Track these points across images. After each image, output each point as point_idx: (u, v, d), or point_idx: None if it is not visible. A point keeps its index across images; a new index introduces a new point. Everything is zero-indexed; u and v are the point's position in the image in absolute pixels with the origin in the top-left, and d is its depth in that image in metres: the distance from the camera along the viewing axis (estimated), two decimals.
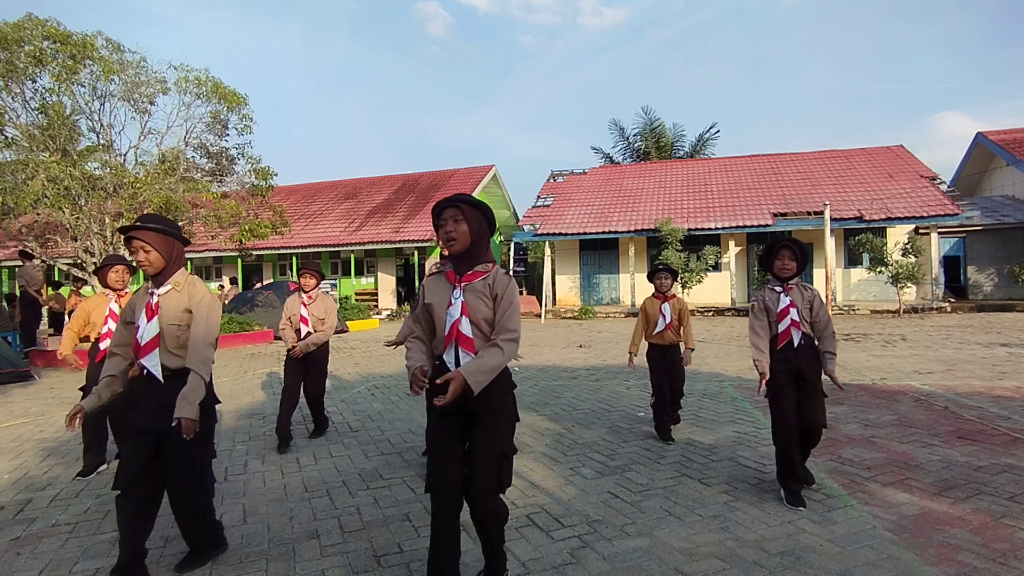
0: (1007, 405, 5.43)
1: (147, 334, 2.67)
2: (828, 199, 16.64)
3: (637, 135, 30.19)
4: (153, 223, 2.70)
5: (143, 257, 2.66)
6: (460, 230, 2.34)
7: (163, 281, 2.73)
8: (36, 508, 3.64)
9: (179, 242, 2.80)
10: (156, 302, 2.70)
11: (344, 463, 4.36)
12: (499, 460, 2.35)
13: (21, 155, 10.18)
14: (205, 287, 2.82)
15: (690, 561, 2.70)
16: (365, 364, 9.49)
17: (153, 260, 2.68)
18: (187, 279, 2.78)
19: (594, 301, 20.57)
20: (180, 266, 2.80)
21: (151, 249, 2.66)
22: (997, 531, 2.91)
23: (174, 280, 2.74)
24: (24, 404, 6.93)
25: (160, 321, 2.68)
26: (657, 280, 4.89)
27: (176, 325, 2.70)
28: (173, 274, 2.75)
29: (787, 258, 3.51)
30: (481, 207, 2.41)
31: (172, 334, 2.70)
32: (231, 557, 2.88)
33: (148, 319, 2.68)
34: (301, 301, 5.10)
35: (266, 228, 12.41)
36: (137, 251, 2.65)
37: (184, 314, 2.72)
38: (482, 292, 2.35)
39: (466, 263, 2.40)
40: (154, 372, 2.68)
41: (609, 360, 9.14)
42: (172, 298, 2.72)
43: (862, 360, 8.30)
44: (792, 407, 3.43)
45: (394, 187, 25.80)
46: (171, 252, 2.74)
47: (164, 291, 2.72)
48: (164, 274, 2.74)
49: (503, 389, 2.41)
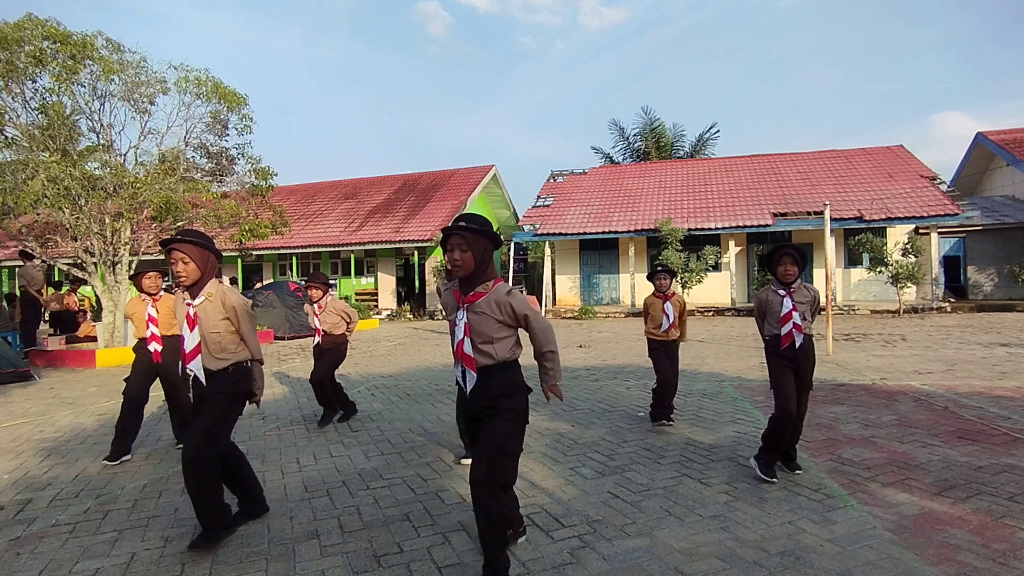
0: (1007, 405, 5.43)
1: (190, 343, 2.96)
2: (828, 199, 16.55)
3: (637, 135, 30.24)
4: (191, 237, 2.94)
5: (181, 268, 2.89)
6: (465, 258, 2.48)
7: (197, 292, 2.97)
8: (36, 508, 3.63)
9: (213, 255, 3.04)
10: (194, 313, 2.96)
11: (344, 463, 4.36)
12: (493, 453, 2.44)
13: (21, 155, 10.17)
14: (236, 293, 3.07)
15: (690, 561, 2.70)
16: (365, 364, 9.50)
17: (190, 271, 2.92)
18: (219, 289, 3.02)
19: (594, 301, 20.57)
20: (212, 277, 3.04)
21: (189, 261, 2.90)
22: (997, 531, 2.91)
23: (207, 291, 2.98)
24: (24, 404, 6.93)
25: (200, 330, 2.96)
26: (657, 280, 5.09)
27: (216, 333, 2.98)
28: (206, 285, 2.99)
29: (788, 264, 3.76)
30: (486, 232, 2.52)
31: (214, 341, 2.98)
32: (231, 557, 2.89)
33: (190, 329, 2.95)
34: (313, 312, 5.48)
35: (266, 228, 12.41)
36: (176, 262, 2.88)
37: (222, 322, 2.98)
38: (485, 311, 2.48)
39: (470, 284, 2.54)
40: (199, 375, 2.99)
41: (609, 360, 9.14)
42: (208, 309, 2.97)
43: (862, 360, 8.30)
44: (793, 395, 3.68)
45: (394, 187, 25.79)
46: (206, 264, 2.98)
47: (199, 302, 2.96)
48: (199, 285, 2.97)
49: (506, 393, 2.52)
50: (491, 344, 2.51)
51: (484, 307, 2.49)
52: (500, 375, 2.54)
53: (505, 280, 2.79)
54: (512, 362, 2.58)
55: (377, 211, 23.54)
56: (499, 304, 2.49)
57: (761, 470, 3.66)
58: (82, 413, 6.29)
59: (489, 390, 2.52)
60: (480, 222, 2.55)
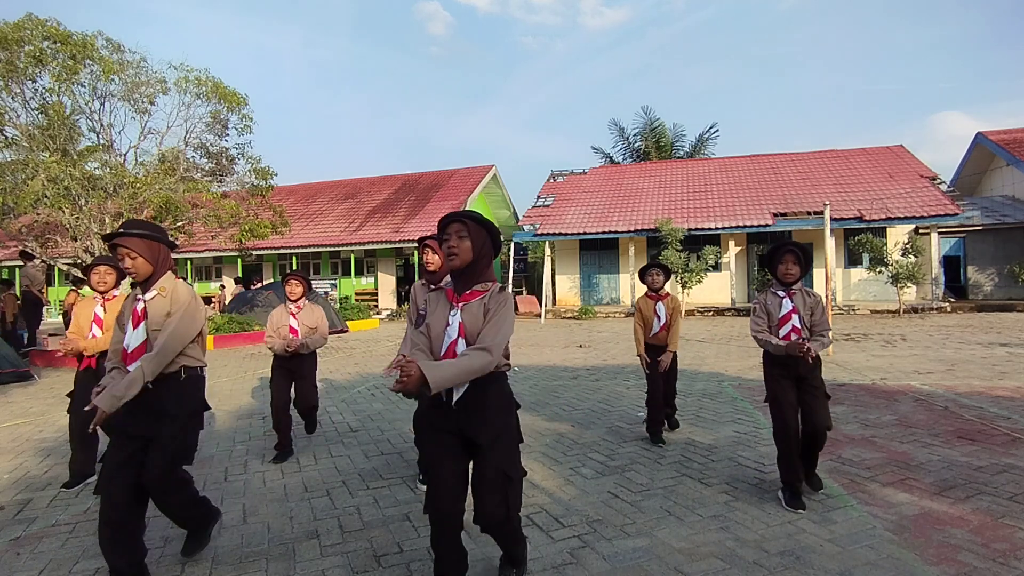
0: (1007, 405, 5.43)
1: (134, 340, 2.63)
2: (828, 199, 16.54)
3: (637, 135, 30.23)
4: (136, 228, 2.65)
5: (129, 264, 2.62)
6: (463, 246, 2.27)
7: (150, 287, 2.68)
8: (36, 508, 3.64)
9: (164, 246, 2.74)
10: (143, 308, 2.65)
11: (344, 463, 4.36)
12: (503, 484, 2.26)
13: (21, 155, 10.18)
14: (190, 291, 2.75)
15: (690, 561, 2.70)
16: (365, 364, 9.49)
17: (139, 266, 2.64)
18: (173, 284, 2.72)
19: (594, 301, 20.57)
20: (167, 270, 2.74)
21: (136, 255, 2.62)
22: (997, 531, 2.91)
23: (160, 285, 2.68)
24: (24, 404, 6.93)
25: (146, 327, 2.64)
26: (649, 277, 4.71)
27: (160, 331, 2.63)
28: (160, 278, 2.70)
29: (790, 263, 3.46)
30: (487, 226, 2.34)
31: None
32: (231, 557, 2.88)
33: (135, 325, 2.64)
34: (289, 311, 4.75)
35: (266, 228, 12.42)
36: (123, 258, 2.62)
37: (167, 318, 2.65)
38: (479, 313, 2.27)
39: (465, 281, 2.32)
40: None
41: (609, 360, 9.14)
42: (157, 303, 2.66)
43: (862, 360, 8.30)
44: (793, 410, 3.39)
45: (394, 187, 25.80)
46: (156, 257, 2.69)
47: (150, 296, 2.67)
48: (152, 279, 2.69)
49: (502, 410, 2.33)
50: None
51: (477, 309, 2.28)
52: (494, 385, 2.31)
53: (505, 280, 2.75)
54: (502, 374, 2.37)
55: (377, 211, 23.54)
56: (494, 299, 2.30)
57: (787, 501, 3.29)
58: None
59: (484, 403, 2.27)
60: (480, 215, 2.39)
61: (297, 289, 4.75)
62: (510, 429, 2.35)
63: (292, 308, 4.77)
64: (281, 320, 4.75)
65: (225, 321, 12.84)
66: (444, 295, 2.37)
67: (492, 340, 2.18)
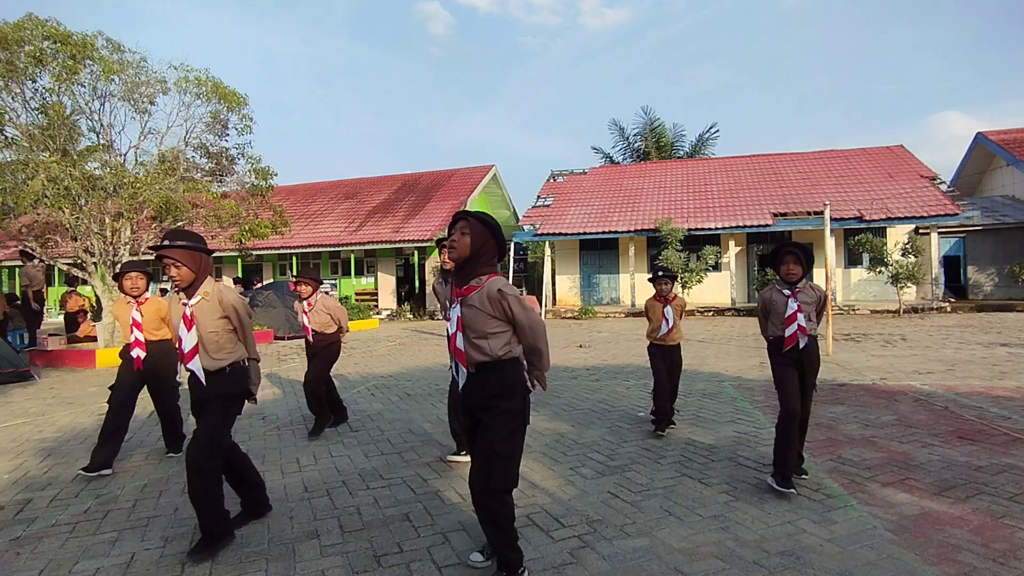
0: (1007, 405, 5.43)
1: (188, 343, 2.93)
2: (828, 199, 16.55)
3: (637, 135, 30.25)
4: (181, 239, 2.91)
5: (175, 273, 2.87)
6: (463, 241, 2.45)
7: (193, 292, 2.95)
8: (36, 508, 3.63)
9: (205, 254, 3.00)
10: (191, 313, 2.93)
11: (344, 463, 4.36)
12: (490, 457, 2.42)
13: (21, 155, 10.17)
14: (233, 292, 3.05)
15: (690, 561, 2.70)
16: (365, 364, 9.49)
17: (184, 275, 2.90)
18: (215, 288, 2.98)
19: (594, 301, 20.57)
20: (207, 276, 3.01)
21: (181, 265, 2.87)
22: (997, 531, 2.91)
23: (203, 290, 2.95)
24: (24, 404, 6.93)
25: (198, 330, 2.94)
26: (659, 285, 4.97)
27: (214, 332, 2.96)
28: (201, 284, 2.97)
29: (791, 263, 3.65)
30: (491, 226, 2.50)
31: (211, 340, 2.96)
32: (231, 557, 2.88)
33: (187, 329, 2.93)
34: (302, 309, 5.19)
35: (266, 228, 12.41)
36: (168, 267, 2.87)
37: (219, 320, 2.96)
38: (477, 306, 2.43)
39: (464, 276, 2.50)
40: (198, 375, 2.97)
41: (609, 360, 9.14)
42: (204, 308, 2.94)
43: (862, 360, 8.30)
44: (796, 394, 3.60)
45: (394, 187, 25.79)
46: (198, 265, 2.95)
47: (195, 302, 2.94)
48: (194, 286, 2.95)
49: (502, 394, 2.46)
50: (485, 339, 2.44)
51: (476, 301, 2.43)
52: (496, 373, 2.47)
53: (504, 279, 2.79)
54: (509, 361, 2.49)
55: (377, 211, 23.54)
56: (491, 299, 2.42)
57: (778, 483, 3.44)
58: (82, 413, 6.29)
59: (484, 388, 2.48)
60: (489, 217, 2.55)
61: (306, 289, 5.17)
62: (509, 410, 2.46)
63: (304, 306, 5.19)
64: (299, 318, 5.31)
65: None
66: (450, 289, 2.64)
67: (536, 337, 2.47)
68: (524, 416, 2.53)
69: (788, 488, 3.40)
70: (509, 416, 2.45)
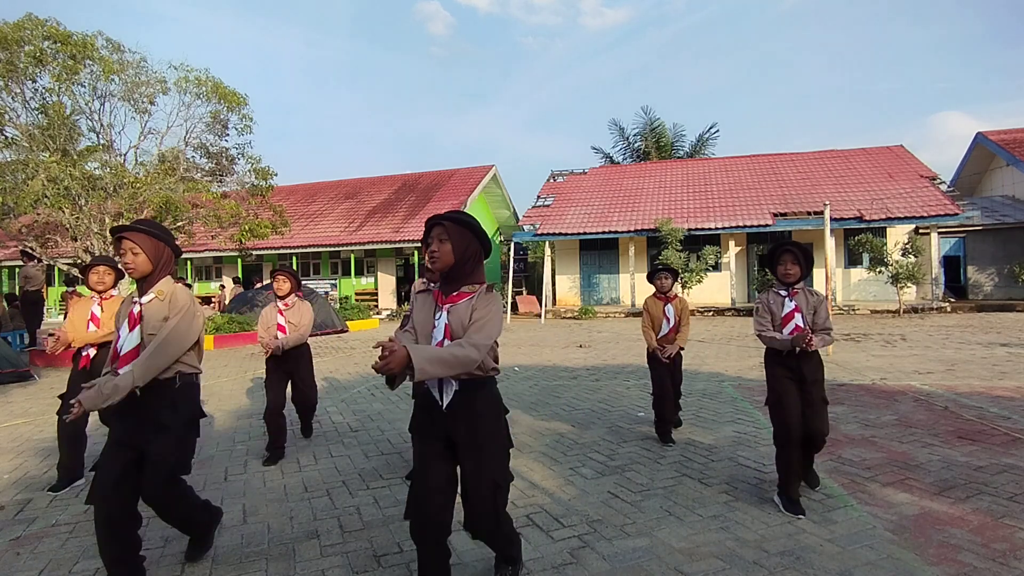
0: (1007, 405, 5.43)
1: (128, 344, 2.58)
2: (828, 199, 16.58)
3: (637, 135, 30.22)
4: (146, 226, 2.65)
5: (130, 259, 2.60)
6: (443, 249, 2.22)
7: (147, 289, 2.64)
8: (36, 508, 3.63)
9: (168, 248, 2.71)
10: (139, 311, 2.61)
11: (344, 463, 4.36)
12: (493, 492, 2.26)
13: (21, 155, 10.18)
14: (189, 295, 2.70)
15: (690, 561, 2.70)
16: (365, 364, 9.49)
17: (140, 263, 2.60)
18: (171, 288, 2.67)
19: (594, 301, 20.57)
20: (167, 274, 2.71)
21: (139, 251, 2.60)
22: (997, 531, 2.91)
23: (158, 288, 2.64)
24: (24, 404, 6.93)
25: (142, 331, 2.59)
26: (657, 280, 4.76)
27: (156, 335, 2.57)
28: (159, 281, 2.66)
29: (789, 263, 3.43)
30: (471, 226, 2.27)
31: None
32: (231, 557, 2.88)
33: (130, 328, 2.60)
34: (278, 309, 4.70)
35: (266, 228, 12.43)
36: (125, 252, 2.60)
37: (163, 323, 2.60)
38: (466, 314, 2.22)
39: (451, 283, 2.28)
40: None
41: (609, 360, 9.14)
42: (154, 307, 2.62)
43: (862, 360, 8.30)
44: (796, 412, 3.33)
45: (394, 187, 25.79)
46: (159, 257, 2.66)
47: (147, 300, 2.62)
48: (149, 280, 2.65)
49: (491, 416, 2.31)
50: None
51: (464, 310, 2.23)
52: (482, 389, 2.28)
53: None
54: (491, 379, 2.34)
55: (377, 211, 23.54)
56: (478, 300, 2.25)
57: (784, 507, 3.24)
58: None
59: (471, 407, 2.25)
60: (467, 216, 2.31)
61: (284, 286, 4.68)
62: (499, 435, 2.33)
63: (280, 306, 4.71)
64: (270, 319, 4.71)
65: (225, 321, 12.84)
66: (431, 296, 2.34)
67: (477, 338, 2.13)
68: (510, 439, 2.41)
69: (797, 512, 3.17)
70: (500, 440, 2.32)
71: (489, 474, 2.25)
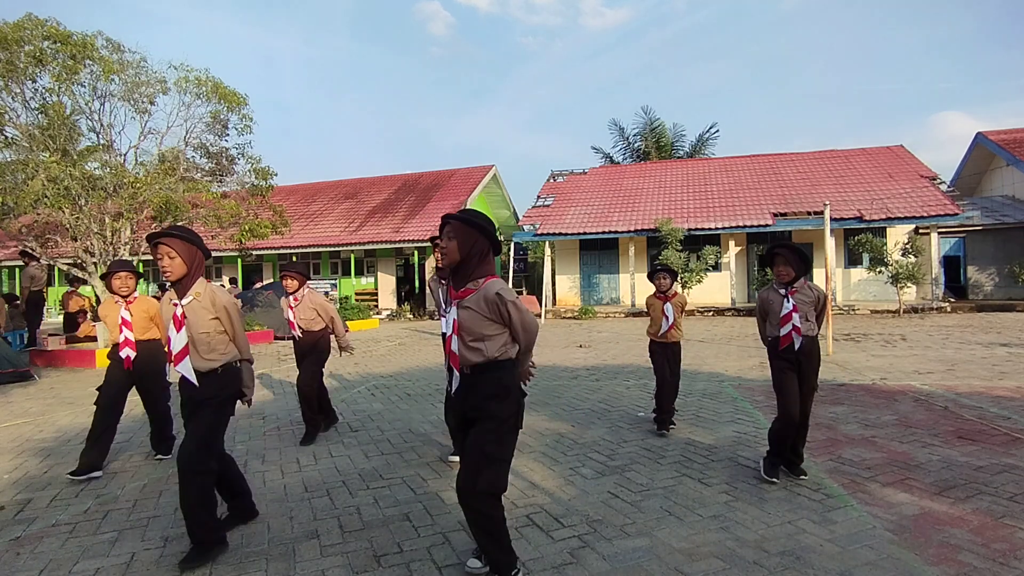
0: (1007, 405, 5.43)
1: (177, 344, 2.87)
2: (828, 199, 16.57)
3: (637, 135, 30.23)
4: (179, 231, 2.89)
5: (167, 263, 2.83)
6: (450, 246, 2.42)
7: (184, 291, 2.90)
8: (36, 508, 3.63)
9: (201, 252, 2.95)
10: (181, 313, 2.88)
11: (344, 463, 4.36)
12: (478, 459, 2.38)
13: (21, 155, 10.18)
14: (225, 292, 3.00)
15: (690, 561, 2.70)
16: (365, 364, 9.49)
17: (175, 267, 2.84)
18: (207, 288, 2.94)
19: (594, 301, 20.57)
20: (200, 275, 2.97)
21: (175, 256, 2.83)
22: (997, 531, 2.91)
23: (194, 290, 2.91)
24: (24, 404, 6.93)
25: (188, 330, 2.89)
26: (657, 280, 4.97)
27: (206, 333, 2.90)
28: (193, 283, 2.92)
29: (780, 265, 3.62)
30: (476, 224, 2.42)
31: (203, 341, 2.91)
32: (231, 557, 2.88)
33: (177, 330, 2.87)
34: (288, 305, 5.05)
35: (266, 228, 12.42)
36: (162, 257, 2.82)
37: (211, 321, 2.91)
38: (474, 309, 2.40)
39: (459, 279, 2.47)
40: (188, 377, 2.91)
41: (609, 360, 9.14)
42: (195, 308, 2.90)
43: (862, 360, 8.30)
44: (796, 399, 3.63)
45: (394, 187, 25.79)
46: (192, 260, 2.90)
47: (187, 301, 2.89)
48: (185, 283, 2.90)
49: (502, 393, 2.43)
50: (482, 342, 2.41)
51: (473, 304, 2.39)
52: (490, 374, 2.44)
53: (504, 280, 2.83)
54: (504, 362, 2.47)
55: (377, 211, 23.54)
56: (488, 301, 2.38)
57: (764, 470, 3.67)
58: (82, 413, 6.28)
59: (478, 391, 2.44)
60: (474, 215, 2.46)
61: (292, 283, 5.05)
62: (501, 413, 2.42)
63: (291, 301, 5.05)
64: (285, 313, 5.12)
65: None
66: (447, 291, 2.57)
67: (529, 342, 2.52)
68: (517, 419, 2.48)
69: (772, 477, 3.60)
70: (502, 419, 2.42)
71: (479, 444, 2.40)
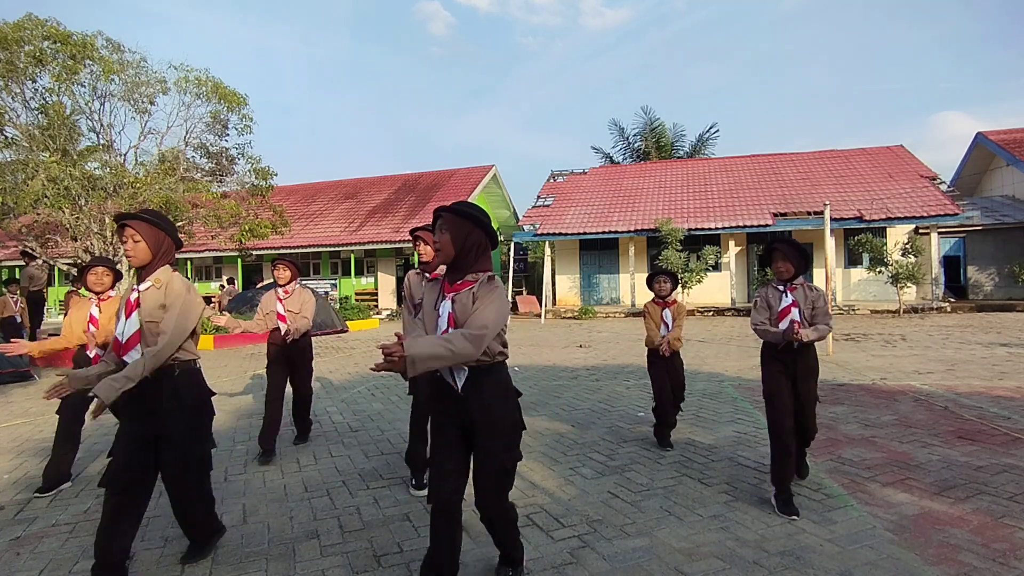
0: (1007, 405, 5.43)
1: (127, 331, 2.64)
2: (828, 199, 16.54)
3: (637, 135, 30.21)
4: (148, 215, 2.70)
5: (131, 246, 2.64)
6: (443, 240, 2.30)
7: (146, 277, 2.69)
8: (36, 508, 3.63)
9: (169, 239, 2.75)
10: (136, 298, 2.66)
11: (344, 463, 4.36)
12: (501, 476, 2.37)
13: (21, 155, 10.19)
14: (185, 283, 2.73)
15: (690, 561, 2.70)
16: (365, 364, 9.49)
17: (139, 251, 2.64)
18: (168, 276, 2.70)
19: (594, 301, 20.56)
20: (166, 263, 2.74)
21: (140, 239, 2.64)
22: (997, 531, 2.91)
23: (155, 277, 2.68)
24: (24, 404, 6.93)
25: (139, 317, 2.64)
26: (656, 284, 4.57)
27: (154, 322, 2.63)
28: (157, 270, 2.70)
29: (779, 261, 3.43)
30: (471, 216, 2.31)
31: (151, 331, 2.64)
32: (231, 557, 2.88)
33: (127, 315, 2.65)
34: (277, 297, 4.76)
35: (266, 228, 12.42)
36: (127, 240, 2.64)
37: (160, 310, 2.65)
38: (468, 303, 2.28)
39: (454, 273, 2.35)
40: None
41: (609, 360, 9.14)
42: (151, 294, 2.66)
43: (862, 360, 8.30)
44: (787, 409, 3.35)
45: (394, 187, 25.80)
46: (159, 246, 2.70)
47: (144, 287, 2.67)
48: (148, 269, 2.69)
49: (503, 399, 2.37)
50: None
51: (467, 299, 2.29)
52: (492, 375, 2.36)
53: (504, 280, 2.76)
54: (500, 363, 2.41)
55: (377, 211, 23.55)
56: (480, 288, 2.30)
57: (779, 508, 3.22)
58: None
59: (481, 393, 2.32)
60: (468, 207, 2.35)
61: (284, 273, 4.76)
62: (507, 420, 2.37)
63: (280, 293, 4.77)
64: (270, 306, 4.78)
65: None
66: (439, 285, 2.40)
67: (477, 326, 2.16)
68: (522, 423, 2.46)
69: (790, 514, 3.16)
70: (510, 424, 2.38)
71: (497, 459, 2.34)
